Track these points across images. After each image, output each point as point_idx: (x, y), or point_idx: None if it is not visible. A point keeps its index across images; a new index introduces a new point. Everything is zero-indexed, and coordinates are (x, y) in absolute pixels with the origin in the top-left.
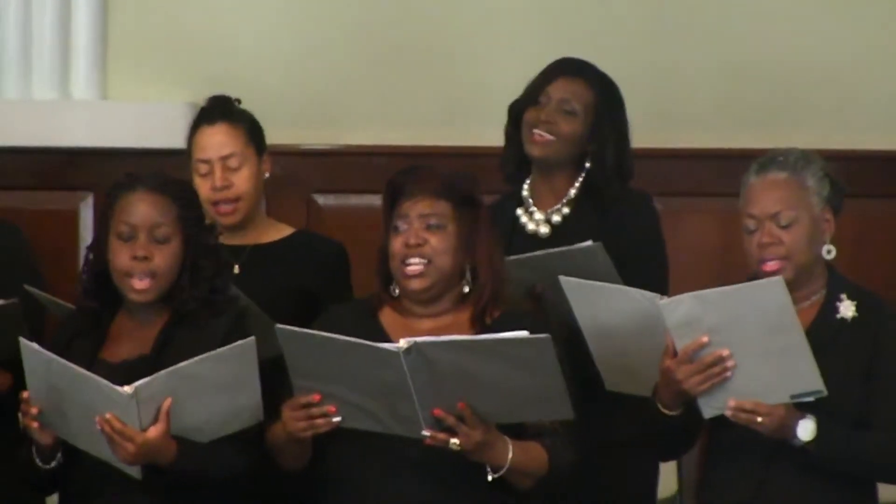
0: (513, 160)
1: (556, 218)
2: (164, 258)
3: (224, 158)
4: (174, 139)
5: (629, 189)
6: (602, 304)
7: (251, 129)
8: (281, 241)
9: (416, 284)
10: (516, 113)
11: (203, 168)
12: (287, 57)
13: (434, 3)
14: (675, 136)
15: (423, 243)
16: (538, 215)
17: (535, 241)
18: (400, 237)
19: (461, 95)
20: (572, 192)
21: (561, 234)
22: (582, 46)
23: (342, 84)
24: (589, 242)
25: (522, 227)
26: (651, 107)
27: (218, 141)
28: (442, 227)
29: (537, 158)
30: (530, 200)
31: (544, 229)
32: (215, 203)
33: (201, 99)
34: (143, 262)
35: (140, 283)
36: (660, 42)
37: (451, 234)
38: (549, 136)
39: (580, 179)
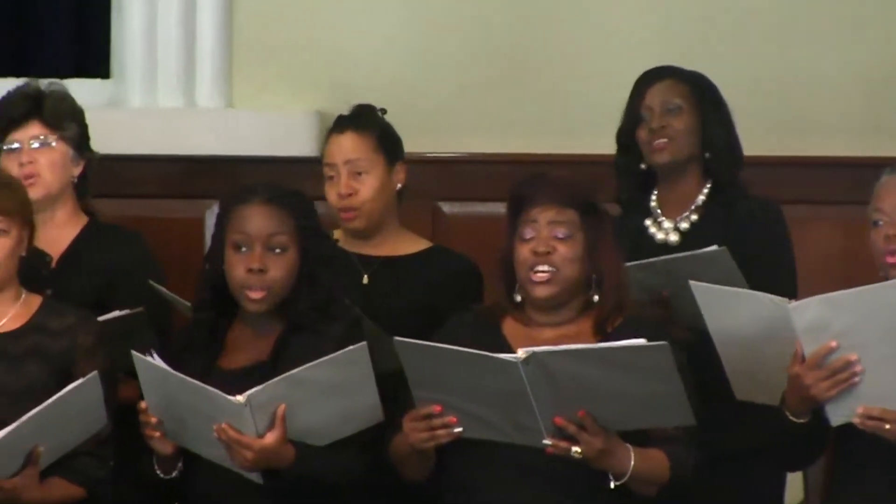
0: (629, 187)
1: (685, 225)
2: (279, 269)
3: (349, 163)
4: (298, 147)
5: (757, 196)
6: (732, 309)
7: (381, 138)
8: (414, 256)
9: (542, 291)
10: (625, 139)
11: (330, 172)
12: (411, 65)
13: (555, 13)
14: (803, 143)
15: (551, 251)
16: (667, 224)
17: (664, 249)
18: (528, 245)
19: (581, 104)
20: (700, 198)
21: (690, 240)
22: (700, 55)
23: (469, 91)
24: (714, 247)
25: (651, 238)
26: (778, 114)
27: (345, 147)
28: (570, 236)
29: (665, 165)
30: (658, 210)
31: (674, 237)
32: (341, 209)
33: (327, 107)
34: (259, 274)
35: (256, 294)
36: (787, 49)
37: (577, 243)
38: (666, 140)
39: (708, 186)
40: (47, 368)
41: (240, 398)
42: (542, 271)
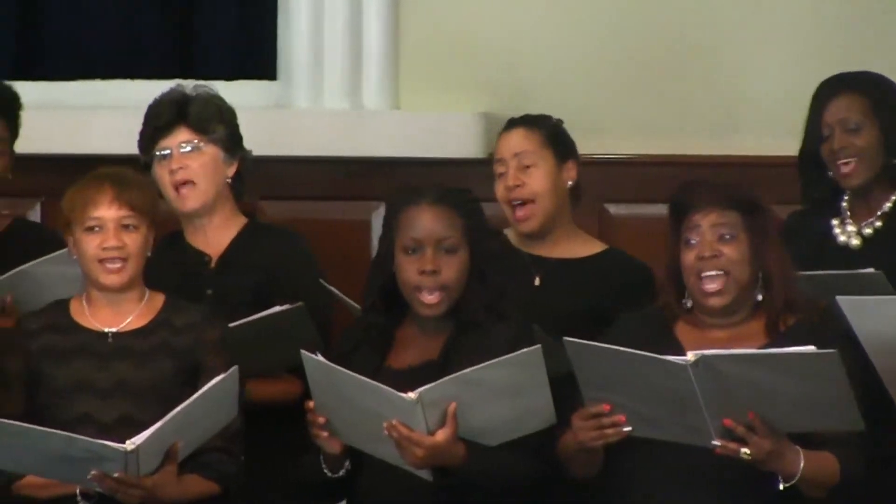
0: (819, 188)
1: (868, 231)
2: (452, 269)
3: (516, 156)
4: (464, 149)
5: None
6: (881, 318)
7: (551, 135)
8: (588, 259)
9: (716, 302)
10: (808, 157)
11: (499, 168)
12: (577, 65)
13: (706, 12)
14: None
15: (717, 255)
16: (851, 227)
17: (845, 252)
18: (693, 250)
19: (731, 104)
20: (886, 205)
21: (872, 246)
22: (857, 55)
23: (635, 93)
24: (871, 270)
25: (833, 239)
26: None
27: (512, 141)
28: (734, 238)
29: (856, 187)
30: (847, 212)
31: (855, 241)
32: (511, 203)
33: (493, 109)
34: (432, 276)
35: (430, 298)
36: None
37: (743, 244)
38: (852, 161)
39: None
40: (173, 365)
41: (411, 395)
42: (712, 277)
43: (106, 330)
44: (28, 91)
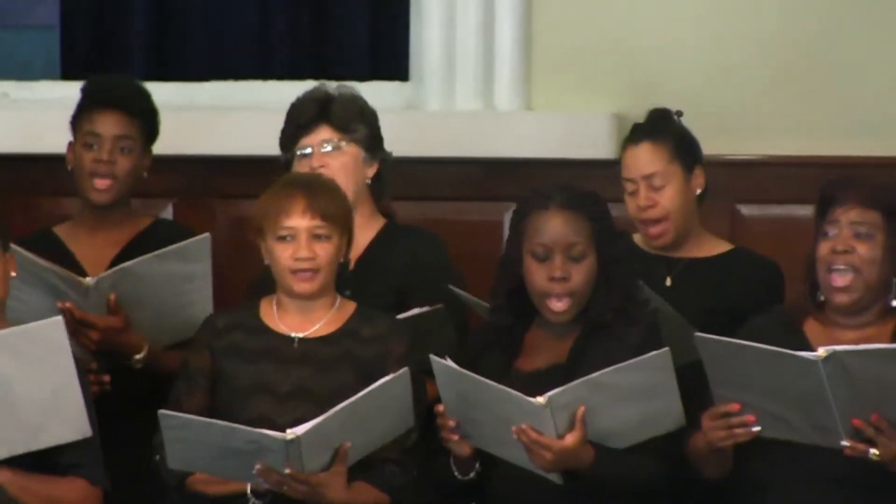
0: None
1: None
2: (580, 275)
3: (647, 178)
4: (596, 149)
5: None
6: None
7: (677, 145)
8: (717, 258)
9: (842, 299)
10: None
11: (629, 187)
12: (709, 66)
13: (843, 12)
14: None
15: (850, 251)
16: None
17: None
18: (828, 242)
19: (865, 104)
20: None
21: None
22: None
23: (768, 93)
24: None
25: None
26: None
27: (641, 160)
28: (870, 237)
29: None
30: None
31: None
32: (642, 222)
33: (626, 109)
34: (561, 283)
35: (559, 305)
36: None
37: (878, 245)
38: None
39: None
40: (356, 375)
41: (541, 400)
42: (840, 271)
43: (293, 335)
44: (162, 91)
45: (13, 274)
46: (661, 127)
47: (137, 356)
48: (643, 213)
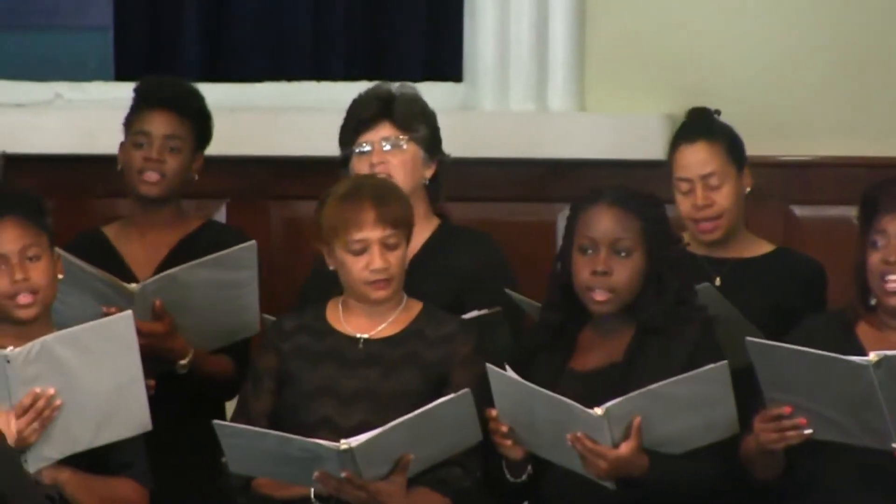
0: None
1: None
2: (624, 273)
3: (705, 177)
4: (649, 150)
5: None
6: None
7: (731, 145)
8: (762, 258)
9: None
10: None
11: (684, 186)
12: (764, 66)
13: None
14: None
15: None
16: None
17: None
18: (878, 253)
19: None
20: None
21: None
22: None
23: (821, 94)
24: None
25: None
26: None
27: (698, 159)
28: None
29: None
30: None
31: None
32: (696, 221)
33: (679, 110)
34: (603, 276)
35: (600, 296)
36: None
37: None
38: None
39: None
40: (421, 376)
41: (598, 411)
42: (893, 281)
43: (358, 335)
44: (215, 92)
45: (60, 276)
46: (712, 126)
47: (182, 361)
48: (700, 212)
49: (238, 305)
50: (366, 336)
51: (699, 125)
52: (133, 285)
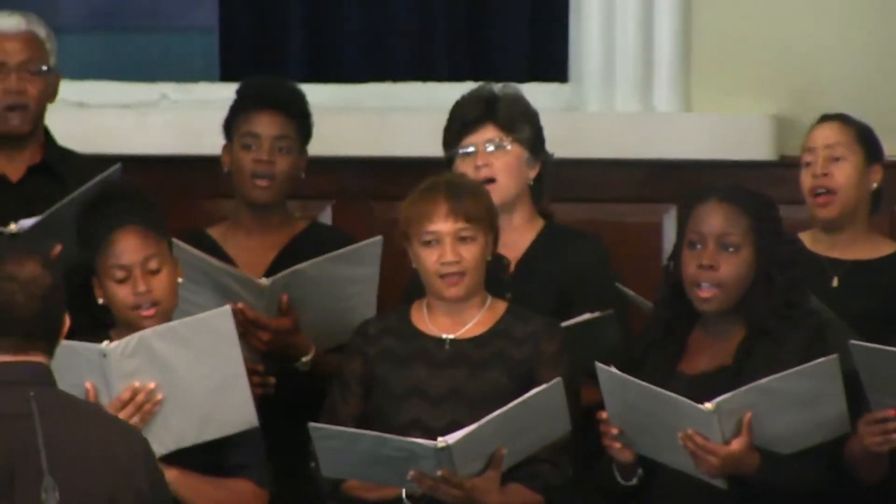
0: None
1: None
2: (731, 268)
3: (828, 147)
4: (756, 151)
5: None
6: None
7: (863, 132)
8: (884, 259)
9: None
10: None
11: (807, 157)
12: (871, 66)
13: None
14: None
15: None
16: None
17: None
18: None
19: None
20: None
21: None
22: None
23: None
24: None
25: None
26: None
27: (827, 132)
28: None
29: None
30: None
31: None
32: (814, 194)
33: (785, 111)
34: (709, 272)
35: (705, 292)
36: None
37: None
38: None
39: None
40: (509, 375)
41: (709, 406)
42: None
43: (444, 336)
44: (321, 93)
45: (180, 280)
46: (849, 116)
47: (304, 359)
48: (816, 181)
49: (356, 303)
50: (452, 336)
51: (840, 114)
52: (264, 280)
